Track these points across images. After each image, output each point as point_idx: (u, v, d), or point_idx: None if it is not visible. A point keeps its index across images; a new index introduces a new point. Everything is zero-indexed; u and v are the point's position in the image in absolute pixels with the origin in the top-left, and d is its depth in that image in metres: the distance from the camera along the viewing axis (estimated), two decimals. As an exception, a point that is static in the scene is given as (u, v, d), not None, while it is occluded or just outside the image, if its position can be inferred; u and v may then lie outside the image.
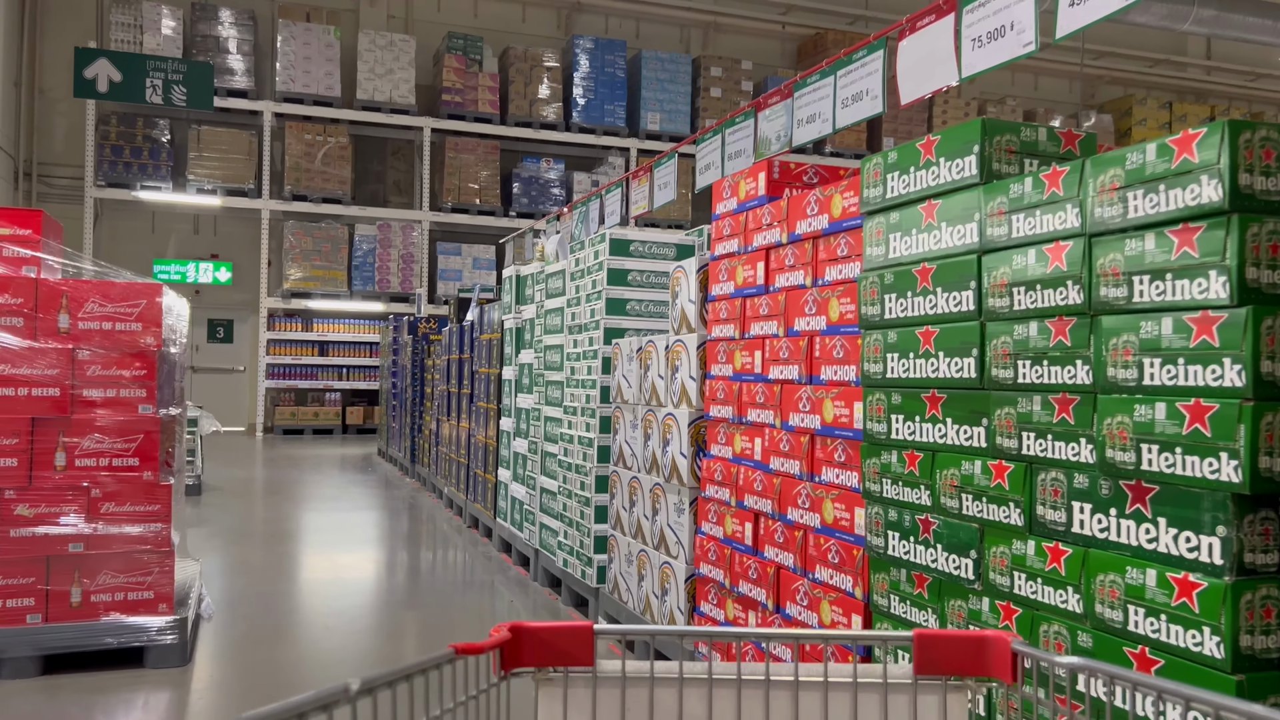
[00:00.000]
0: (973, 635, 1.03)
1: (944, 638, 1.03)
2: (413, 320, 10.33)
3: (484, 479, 6.56)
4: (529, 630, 1.04)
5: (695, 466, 3.42)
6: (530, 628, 1.04)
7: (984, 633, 1.04)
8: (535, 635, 1.04)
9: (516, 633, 1.03)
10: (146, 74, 11.77)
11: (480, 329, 6.87)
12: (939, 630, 1.11)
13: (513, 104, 17.02)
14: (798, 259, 2.79)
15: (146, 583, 3.58)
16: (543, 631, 1.04)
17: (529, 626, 1.04)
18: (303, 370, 16.21)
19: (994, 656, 1.02)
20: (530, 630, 1.04)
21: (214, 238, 16.41)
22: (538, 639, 1.04)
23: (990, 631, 1.04)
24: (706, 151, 6.64)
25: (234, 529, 6.86)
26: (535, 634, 1.04)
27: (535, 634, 1.04)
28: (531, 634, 1.03)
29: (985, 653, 1.03)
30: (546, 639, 1.04)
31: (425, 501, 8.44)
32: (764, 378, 2.93)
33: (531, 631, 1.04)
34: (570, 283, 4.79)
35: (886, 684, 1.03)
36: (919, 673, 1.03)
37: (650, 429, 3.76)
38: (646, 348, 3.83)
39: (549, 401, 5.05)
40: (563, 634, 1.04)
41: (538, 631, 1.04)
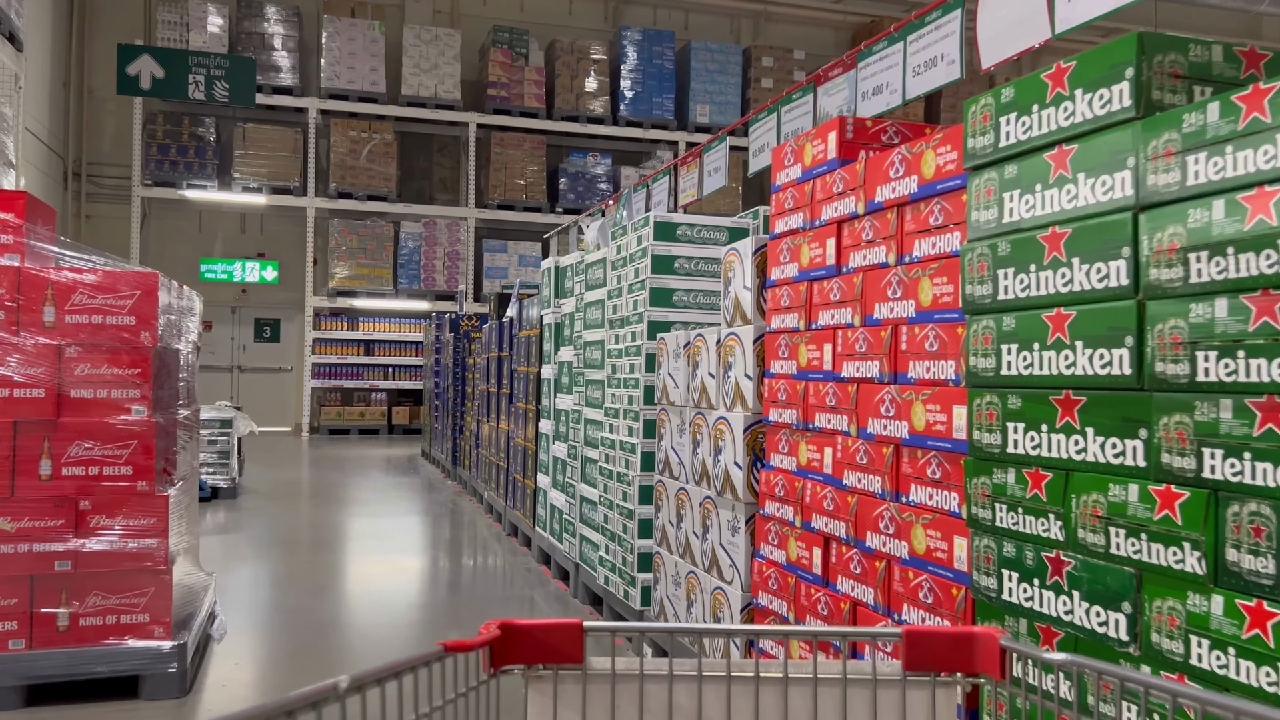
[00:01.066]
0: (961, 632, 1.04)
1: (933, 634, 1.03)
2: (454, 318, 10.00)
3: (523, 484, 6.17)
4: (519, 628, 1.03)
5: (752, 479, 2.96)
6: (520, 625, 1.03)
7: (972, 629, 1.04)
8: (525, 633, 1.03)
9: (507, 630, 1.03)
10: (189, 70, 11.64)
11: (519, 325, 6.47)
12: (928, 626, 1.08)
13: (559, 98, 16.67)
14: (878, 232, 2.32)
15: (141, 604, 3.23)
16: (533, 629, 1.04)
17: (519, 624, 1.04)
18: (348, 370, 16.05)
19: (982, 653, 1.02)
20: (520, 628, 1.03)
21: (260, 236, 16.33)
22: (528, 636, 1.03)
23: (978, 628, 1.04)
24: (760, 132, 6.16)
25: (264, 536, 6.56)
26: (525, 631, 1.03)
27: (525, 631, 1.03)
28: (522, 631, 1.03)
29: (974, 649, 1.03)
30: (537, 636, 1.04)
31: (465, 506, 8.09)
32: (835, 376, 2.47)
33: (522, 629, 1.03)
34: (611, 272, 4.36)
35: (876, 680, 1.03)
36: (908, 669, 1.03)
37: (700, 434, 3.31)
38: (695, 342, 3.38)
39: (589, 402, 4.63)
40: (553, 631, 1.04)
41: (528, 629, 1.04)
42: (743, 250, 3.07)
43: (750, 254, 3.01)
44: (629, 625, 1.06)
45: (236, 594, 4.91)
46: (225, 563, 5.66)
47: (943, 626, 1.07)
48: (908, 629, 1.05)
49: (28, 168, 12.75)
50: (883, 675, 1.05)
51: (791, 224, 2.73)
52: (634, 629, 1.06)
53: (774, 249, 2.83)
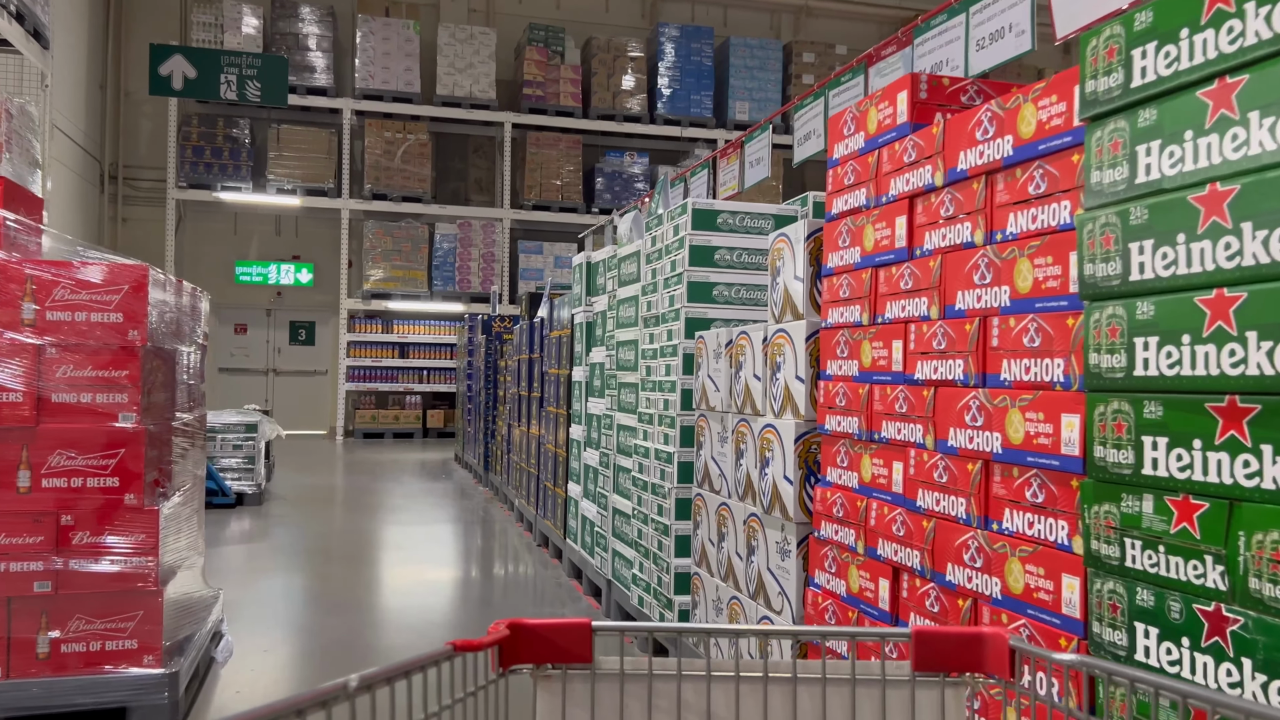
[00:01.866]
0: (970, 632, 1.03)
1: (942, 634, 1.03)
2: (487, 319, 9.73)
3: (553, 493, 5.84)
4: (528, 627, 1.03)
5: (805, 496, 2.60)
6: (529, 625, 1.03)
7: (981, 629, 1.04)
8: (534, 632, 1.03)
9: (515, 630, 1.03)
10: (221, 70, 11.51)
11: (550, 326, 6.15)
12: (937, 627, 1.04)
13: (595, 96, 16.39)
14: (960, 206, 1.95)
15: (129, 629, 2.94)
16: (542, 629, 1.03)
17: (528, 624, 1.03)
18: (383, 373, 15.88)
19: (991, 653, 1.02)
20: (529, 627, 1.03)
21: (295, 239, 16.23)
22: (537, 636, 1.03)
23: (987, 628, 1.04)
24: (806, 119, 5.78)
25: (286, 545, 6.31)
26: (534, 631, 1.03)
27: (534, 631, 1.03)
28: (530, 631, 1.03)
29: (983, 649, 1.02)
30: (545, 636, 1.03)
31: (496, 514, 7.78)
32: (907, 378, 2.10)
33: (530, 629, 1.03)
34: (645, 266, 4.01)
35: (885, 680, 1.03)
36: (917, 669, 1.03)
37: (743, 444, 2.95)
38: (738, 341, 3.02)
39: (621, 407, 4.29)
40: (562, 631, 1.04)
41: (537, 629, 1.03)
42: (793, 236, 2.70)
43: (802, 239, 2.64)
44: (637, 625, 1.04)
45: (249, 610, 4.64)
46: (241, 575, 5.40)
47: (952, 627, 1.05)
48: (917, 629, 1.04)
49: (63, 170, 12.73)
50: (891, 675, 1.04)
51: (852, 202, 2.36)
52: (642, 629, 1.05)
53: (830, 232, 2.46)
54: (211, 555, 5.86)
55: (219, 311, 16.05)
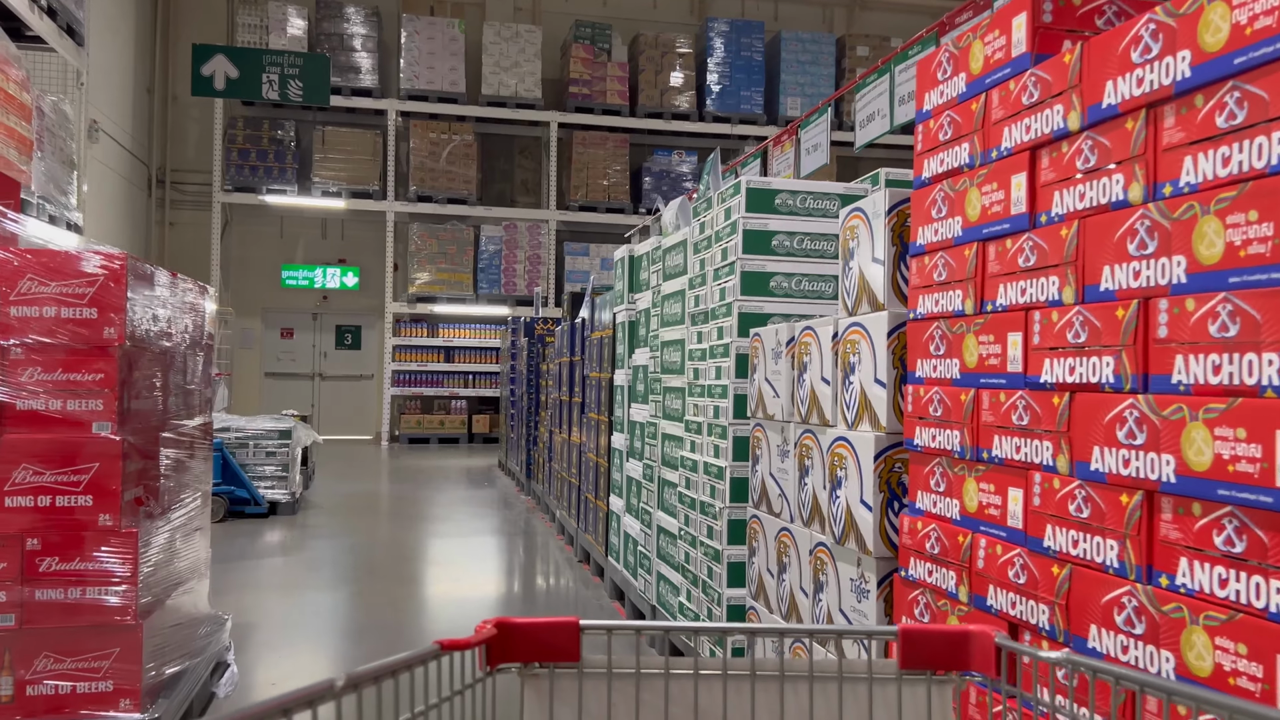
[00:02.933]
0: (956, 630, 1.03)
1: (928, 632, 1.03)
2: (529, 322, 9.36)
3: (595, 505, 5.42)
4: (515, 626, 1.03)
5: (887, 524, 2.14)
6: (517, 623, 1.03)
7: (967, 627, 1.03)
8: (522, 631, 1.03)
9: (503, 628, 1.02)
10: (263, 69, 11.35)
11: (591, 326, 5.75)
12: (924, 625, 1.03)
13: (643, 94, 16.00)
14: (1107, 154, 1.48)
15: (103, 669, 2.58)
16: (529, 627, 1.03)
17: (515, 622, 1.03)
18: (428, 377, 15.65)
19: (977, 651, 1.02)
20: (517, 626, 1.03)
21: (341, 242, 16.10)
22: (524, 635, 1.03)
23: (974, 626, 1.03)
24: (869, 99, 5.29)
25: (316, 559, 5.98)
26: (522, 630, 1.03)
27: (522, 630, 1.03)
28: (518, 630, 1.03)
29: (969, 647, 1.02)
30: (533, 634, 1.03)
31: (538, 526, 7.40)
32: (1030, 380, 1.63)
33: (518, 627, 1.03)
34: (693, 257, 3.57)
35: (871, 678, 1.03)
36: (904, 667, 1.03)
37: (808, 459, 2.49)
38: (801, 338, 2.57)
39: (666, 414, 3.85)
40: (549, 630, 1.03)
41: (524, 627, 1.03)
42: (870, 210, 2.24)
43: (882, 214, 2.18)
44: (625, 623, 1.04)
45: (266, 634, 4.29)
46: (262, 593, 5.07)
47: (939, 625, 1.04)
48: (903, 627, 1.04)
49: (109, 174, 12.70)
50: (878, 673, 1.04)
51: (950, 162, 1.90)
52: (630, 627, 1.04)
53: (920, 202, 2.00)
54: (233, 570, 5.55)
55: (265, 315, 15.98)
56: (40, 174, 7.17)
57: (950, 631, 1.03)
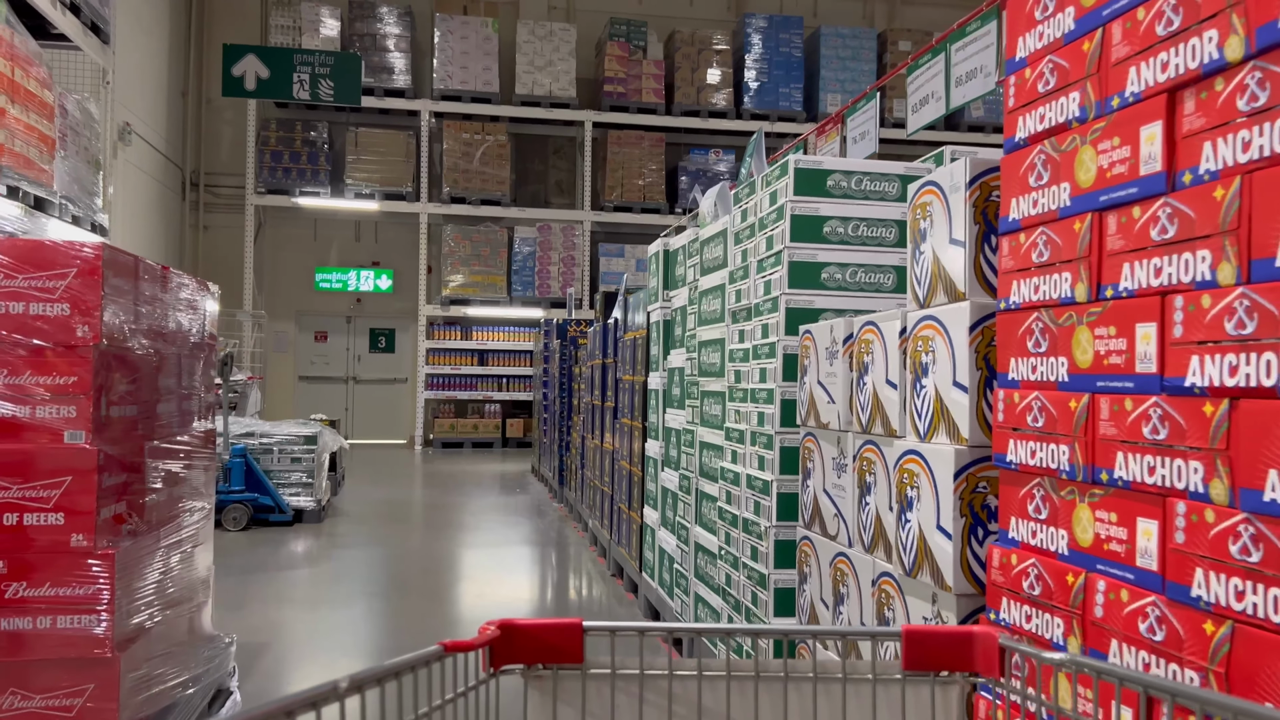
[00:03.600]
0: (960, 631, 1.03)
1: (931, 633, 1.03)
2: (562, 323, 9.08)
3: (628, 517, 5.11)
4: (519, 627, 1.03)
5: (970, 555, 1.80)
6: (520, 625, 1.03)
7: (971, 628, 1.02)
8: (525, 632, 1.03)
9: (506, 630, 1.02)
10: (294, 69, 11.21)
11: (624, 326, 5.44)
12: (927, 626, 1.07)
13: (679, 91, 15.68)
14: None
15: (76, 706, 2.32)
16: (533, 629, 1.03)
17: (519, 623, 1.03)
18: (462, 381, 15.45)
19: (981, 652, 1.01)
20: (520, 627, 1.03)
21: (375, 244, 15.97)
22: (528, 636, 1.03)
23: (977, 627, 1.02)
24: (923, 81, 4.92)
25: (340, 572, 5.73)
26: (525, 631, 1.03)
27: (525, 631, 1.03)
28: (522, 631, 1.03)
29: (972, 648, 1.02)
30: (536, 636, 1.03)
31: (570, 536, 7.10)
32: (1170, 384, 1.29)
33: (522, 628, 1.03)
34: (733, 248, 3.25)
35: (875, 679, 1.03)
36: (907, 668, 1.03)
37: (871, 475, 2.16)
38: (862, 335, 2.24)
39: (705, 421, 3.52)
40: (553, 631, 1.03)
41: (528, 629, 1.03)
42: (947, 184, 1.90)
43: (962, 186, 1.84)
44: (628, 625, 1.04)
45: (277, 656, 4.03)
46: (278, 609, 4.82)
47: (942, 626, 1.04)
48: (907, 628, 1.03)
49: (143, 177, 12.65)
50: (882, 674, 1.03)
51: (1052, 117, 1.55)
52: (633, 628, 1.04)
53: (1014, 168, 1.66)
54: (250, 583, 5.32)
55: (299, 319, 15.89)
56: (63, 173, 7.02)
57: (954, 632, 1.03)
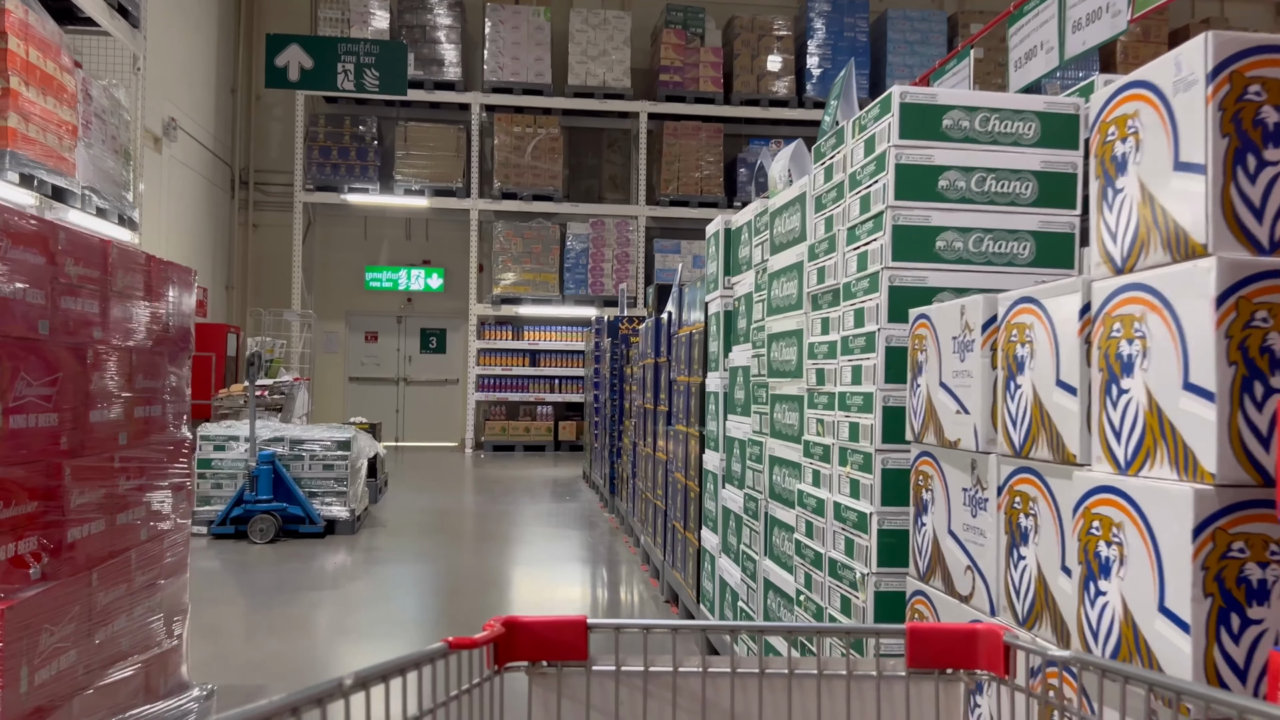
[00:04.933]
0: (964, 628, 1.02)
1: (936, 631, 1.03)
2: (613, 321, 8.49)
3: (683, 537, 4.48)
4: (523, 625, 1.03)
5: (1218, 655, 1.13)
6: (525, 622, 1.04)
7: (975, 626, 1.02)
8: (529, 630, 1.03)
9: (511, 627, 1.02)
10: (337, 59, 10.82)
11: (678, 322, 4.81)
12: (932, 624, 1.04)
13: (738, 80, 15.00)
14: None
15: (-43, 806, 1.77)
16: (537, 626, 1.03)
17: (523, 621, 1.03)
18: (513, 382, 14.97)
19: (986, 649, 1.02)
20: (524, 625, 1.03)
21: (425, 243, 15.59)
22: (532, 633, 1.03)
23: (981, 624, 1.03)
24: (1028, 31, 4.19)
25: (364, 594, 5.20)
26: (529, 628, 1.03)
27: (529, 628, 1.03)
28: (526, 628, 1.03)
29: (977, 646, 1.02)
30: (541, 633, 1.03)
31: (621, 551, 6.49)
32: None
33: (526, 626, 1.03)
34: (814, 216, 2.60)
35: (880, 677, 1.03)
36: (912, 666, 1.03)
37: (1028, 518, 1.50)
38: (1012, 319, 1.58)
39: (776, 431, 2.88)
40: (557, 628, 1.03)
41: (532, 626, 1.03)
42: (1168, 79, 1.24)
43: (1201, 80, 1.18)
44: (632, 622, 1.04)
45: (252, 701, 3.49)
46: (286, 639, 4.29)
47: (947, 624, 1.03)
48: (911, 626, 1.03)
49: (191, 175, 12.40)
50: (886, 672, 1.03)
51: None
52: (637, 625, 1.04)
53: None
54: (263, 607, 4.81)
55: (349, 319, 15.59)
56: (86, 163, 6.64)
57: (958, 630, 1.02)
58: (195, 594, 5.14)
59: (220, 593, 5.14)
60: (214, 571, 5.66)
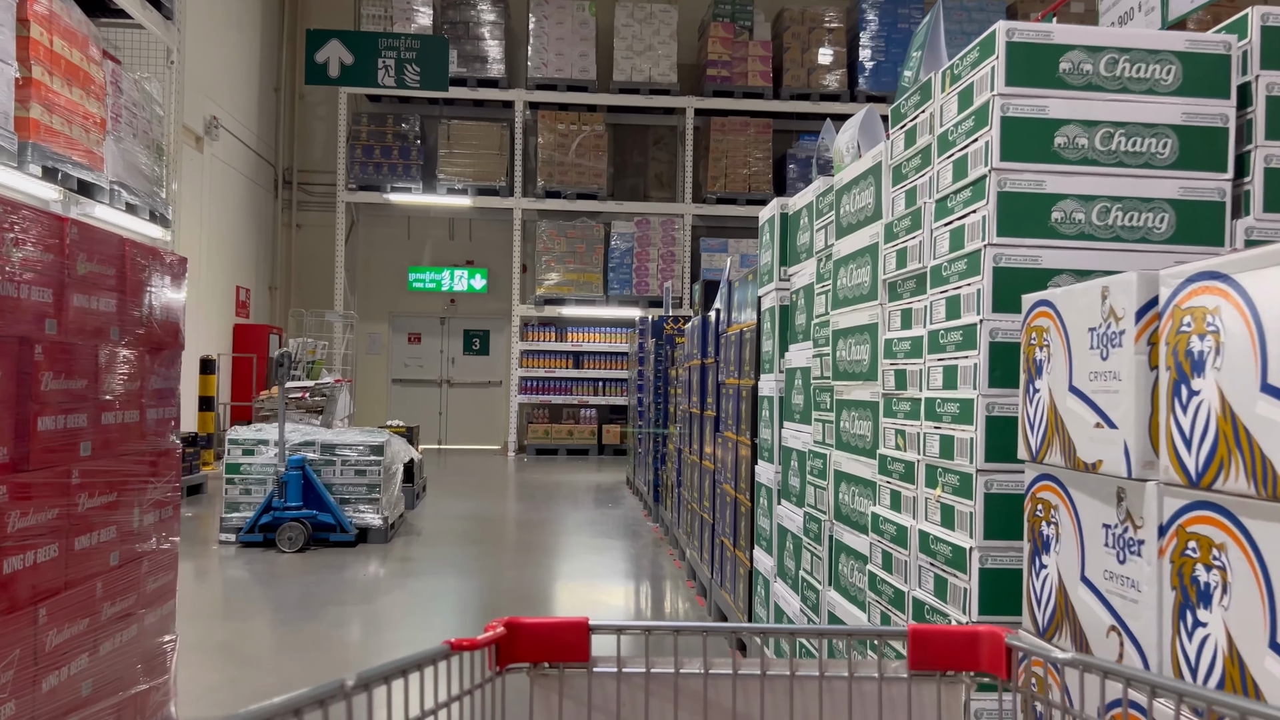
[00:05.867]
0: (966, 630, 1.01)
1: (938, 633, 1.02)
2: (657, 320, 8.12)
3: (733, 556, 4.09)
4: (525, 626, 1.02)
5: None
6: (526, 623, 1.02)
7: (977, 628, 1.01)
8: (531, 631, 1.02)
9: (512, 628, 1.01)
10: (378, 54, 10.61)
11: (727, 319, 4.42)
12: (933, 625, 1.03)
13: (788, 74, 14.55)
14: None
15: None
16: (539, 627, 1.02)
17: (525, 622, 1.02)
18: (556, 384, 14.68)
19: (988, 651, 1.01)
20: (526, 626, 1.02)
21: (469, 243, 15.37)
22: (534, 634, 1.02)
23: (983, 626, 1.02)
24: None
25: (390, 611, 4.90)
26: (531, 630, 1.02)
27: (531, 630, 1.02)
28: (527, 630, 1.02)
29: (979, 648, 1.01)
30: (543, 635, 1.02)
31: (665, 565, 6.11)
32: None
33: (528, 627, 1.02)
34: (891, 190, 2.21)
35: (882, 679, 1.02)
36: (914, 668, 1.02)
37: (1209, 570, 1.10)
38: (1184, 302, 1.17)
39: (844, 443, 2.48)
40: (559, 630, 1.03)
41: (533, 627, 1.02)
42: None
43: None
44: (634, 624, 1.03)
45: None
46: (297, 662, 3.98)
47: (949, 626, 1.02)
48: (913, 627, 1.02)
49: (234, 175, 12.31)
50: (889, 674, 1.02)
51: None
52: (639, 627, 1.03)
53: None
54: (280, 625, 4.52)
55: (392, 320, 15.43)
56: (116, 156, 6.45)
57: (960, 632, 1.01)
58: (213, 608, 4.87)
59: (240, 607, 4.87)
60: (237, 583, 5.40)
